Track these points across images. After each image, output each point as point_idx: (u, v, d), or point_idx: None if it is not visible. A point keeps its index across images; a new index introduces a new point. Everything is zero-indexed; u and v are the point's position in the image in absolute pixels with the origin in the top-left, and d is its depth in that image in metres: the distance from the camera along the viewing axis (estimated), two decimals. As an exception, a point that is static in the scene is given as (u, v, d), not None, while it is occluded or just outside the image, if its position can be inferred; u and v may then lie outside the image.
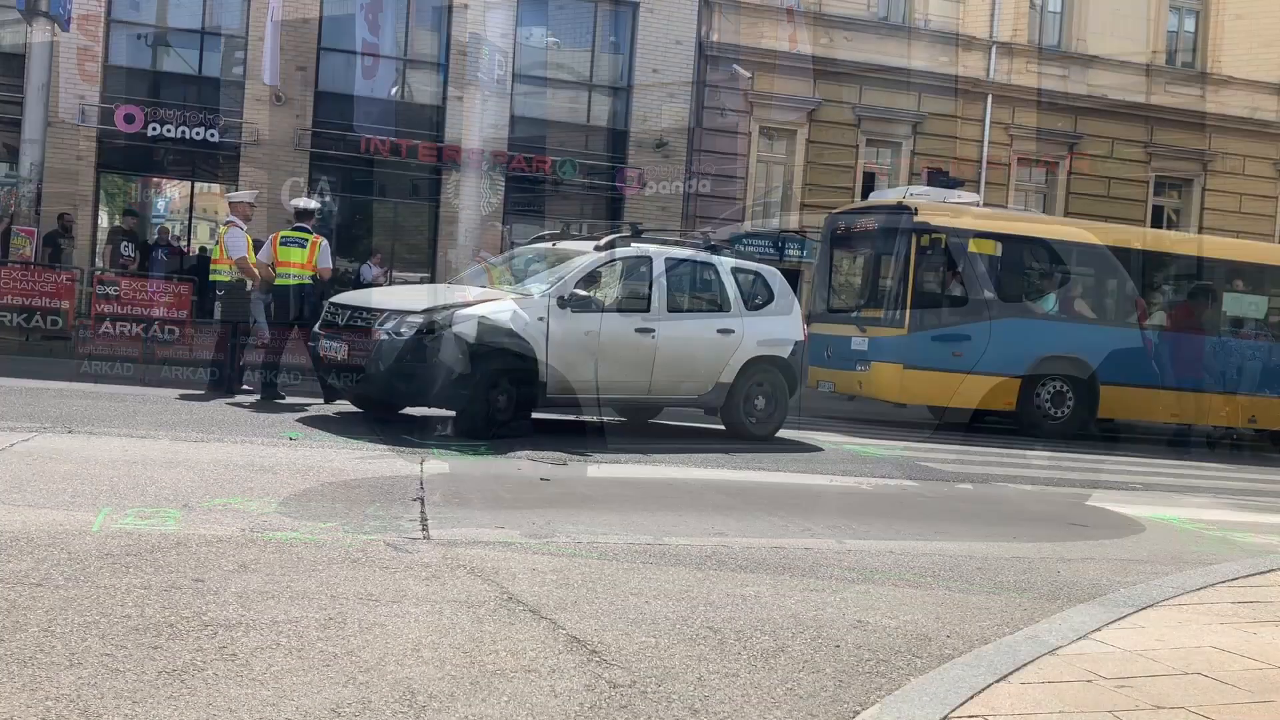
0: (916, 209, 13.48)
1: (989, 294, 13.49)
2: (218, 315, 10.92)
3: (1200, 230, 24.25)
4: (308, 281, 10.15)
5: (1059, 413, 13.75)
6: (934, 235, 13.25)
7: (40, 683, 2.71)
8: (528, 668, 3.18)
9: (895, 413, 16.01)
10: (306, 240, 10.20)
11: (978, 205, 14.98)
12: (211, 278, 10.89)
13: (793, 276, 12.66)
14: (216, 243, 11.28)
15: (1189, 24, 24.66)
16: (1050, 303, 14.04)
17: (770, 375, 10.39)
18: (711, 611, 4.01)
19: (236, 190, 10.93)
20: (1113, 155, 23.77)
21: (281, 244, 10.20)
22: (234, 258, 10.21)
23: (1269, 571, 5.59)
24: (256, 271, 10.25)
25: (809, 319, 13.03)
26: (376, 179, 19.83)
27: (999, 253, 13.68)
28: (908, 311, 13.23)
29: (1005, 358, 13.33)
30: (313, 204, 10.94)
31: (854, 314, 14.26)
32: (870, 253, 14.60)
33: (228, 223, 10.43)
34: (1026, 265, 14.29)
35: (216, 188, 12.47)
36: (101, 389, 9.29)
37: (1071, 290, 14.33)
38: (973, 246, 13.40)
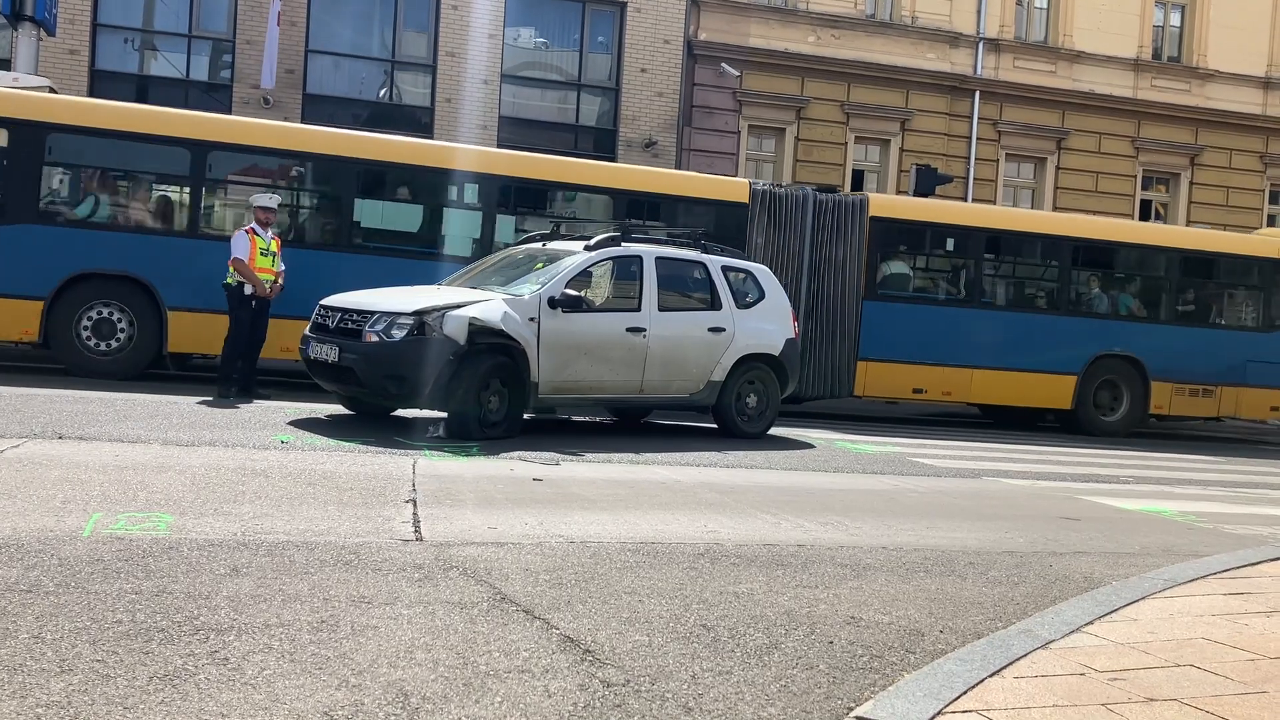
0: None
1: None
2: None
3: (1189, 224, 24.39)
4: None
5: None
6: None
7: (31, 689, 2.70)
8: (521, 668, 3.18)
9: (887, 409, 16.05)
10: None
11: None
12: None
13: None
14: None
15: (1175, 19, 24.75)
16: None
17: (761, 373, 10.42)
18: (705, 609, 4.02)
19: (260, 194, 10.93)
20: (1100, 150, 23.85)
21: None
22: (231, 258, 10.27)
23: (1260, 563, 5.61)
24: (254, 275, 10.26)
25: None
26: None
27: None
28: None
29: None
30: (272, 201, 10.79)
31: None
32: None
33: (249, 229, 10.43)
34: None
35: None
36: (92, 394, 9.25)
37: None
38: None
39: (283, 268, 10.64)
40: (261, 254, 10.35)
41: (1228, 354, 15.21)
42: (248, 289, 10.27)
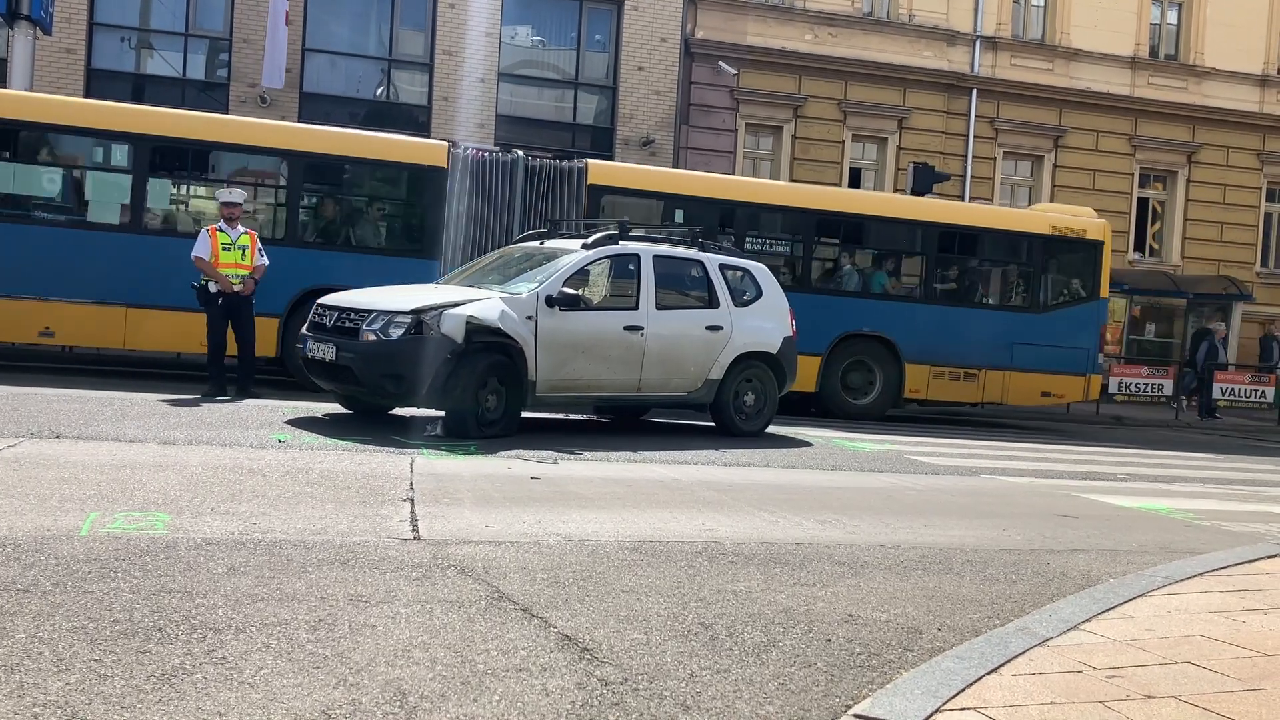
0: None
1: None
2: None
3: (1186, 221, 24.42)
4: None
5: None
6: None
7: (28, 689, 2.69)
8: (519, 667, 3.18)
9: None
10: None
11: None
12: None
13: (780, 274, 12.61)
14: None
15: (1172, 16, 24.77)
16: None
17: (759, 371, 10.42)
18: (703, 607, 4.02)
19: (226, 189, 10.76)
20: (1097, 148, 23.86)
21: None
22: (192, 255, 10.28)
23: (1257, 560, 5.61)
24: (215, 272, 10.19)
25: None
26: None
27: None
28: None
29: None
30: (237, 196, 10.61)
31: None
32: None
33: (213, 226, 10.39)
34: None
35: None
36: (89, 393, 9.24)
37: None
38: None
39: (265, 262, 10.46)
40: (225, 249, 10.20)
41: (993, 336, 14.42)
42: (213, 287, 10.21)
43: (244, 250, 10.32)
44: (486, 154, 12.83)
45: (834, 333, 13.77)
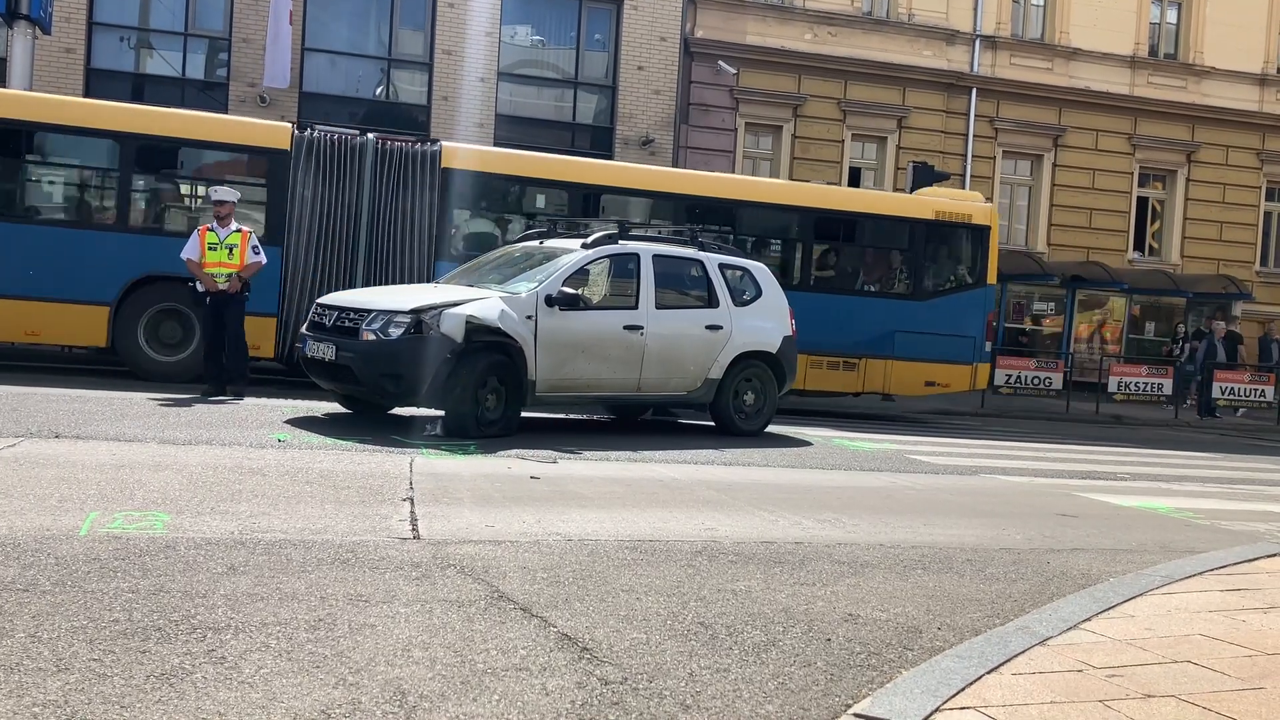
0: None
1: None
2: None
3: (1185, 221, 24.42)
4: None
5: None
6: None
7: (27, 689, 2.69)
8: (519, 666, 3.17)
9: (884, 406, 16.06)
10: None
11: None
12: None
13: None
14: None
15: (1171, 15, 24.78)
16: None
17: (759, 370, 10.42)
18: (702, 607, 4.01)
19: (216, 188, 10.67)
20: (1097, 147, 23.86)
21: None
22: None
23: (1257, 559, 5.62)
24: (199, 272, 10.17)
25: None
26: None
27: None
28: None
29: None
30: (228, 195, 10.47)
31: None
32: None
33: (204, 225, 10.38)
34: None
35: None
36: (88, 393, 9.24)
37: None
38: None
39: (259, 260, 10.28)
40: (211, 249, 10.14)
41: (874, 324, 13.91)
42: (200, 287, 10.22)
43: (231, 249, 10.20)
44: (333, 136, 12.26)
45: None
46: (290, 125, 12.40)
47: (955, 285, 14.71)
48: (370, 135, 12.52)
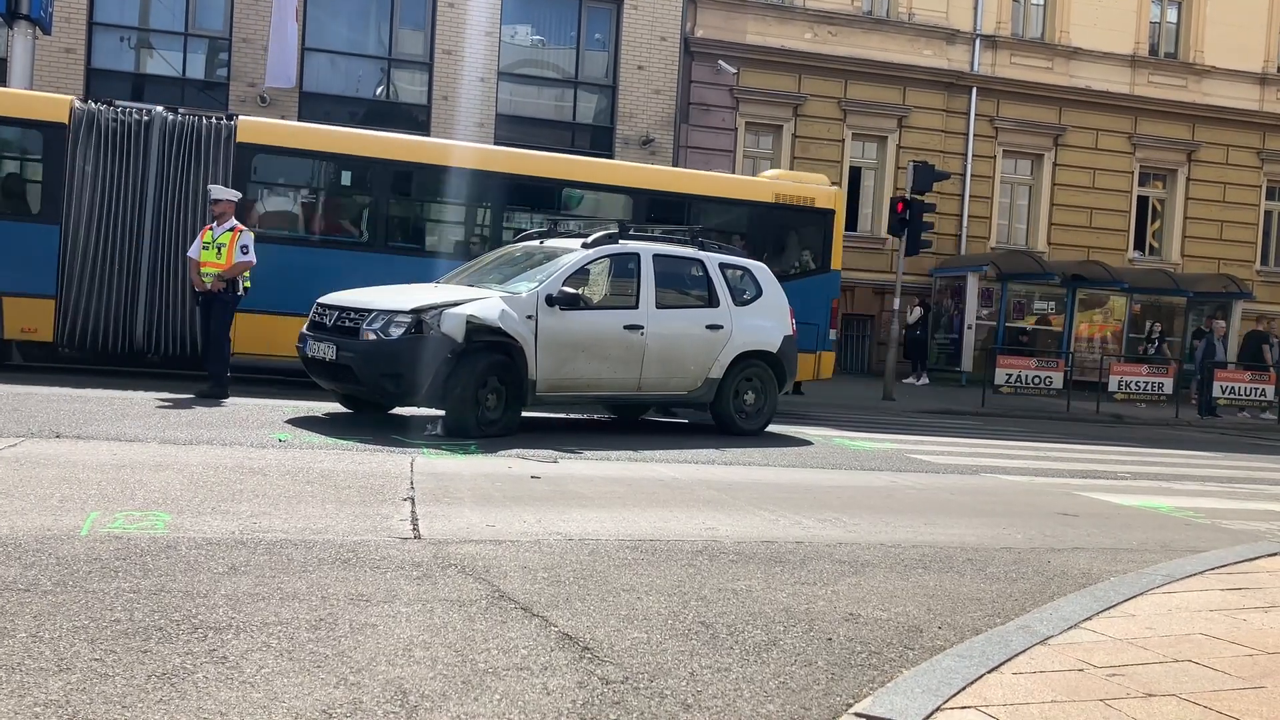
0: None
1: None
2: None
3: (1186, 220, 24.41)
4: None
5: None
6: None
7: (29, 688, 2.69)
8: (520, 666, 3.18)
9: (886, 406, 16.06)
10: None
11: None
12: None
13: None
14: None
15: (1171, 15, 24.78)
16: None
17: (759, 370, 10.43)
18: (703, 606, 4.02)
19: (212, 186, 10.56)
20: (1097, 146, 23.86)
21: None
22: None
23: (1257, 558, 5.62)
24: (192, 270, 10.11)
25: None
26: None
27: None
28: None
29: None
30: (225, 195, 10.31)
31: None
32: None
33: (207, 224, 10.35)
34: None
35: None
36: (89, 393, 9.24)
37: None
38: None
39: (246, 259, 10.00)
40: (204, 248, 10.04)
41: None
42: (196, 286, 10.17)
43: (221, 249, 9.99)
44: (117, 110, 11.66)
45: None
46: (71, 99, 11.77)
47: (798, 271, 14.11)
48: (159, 109, 11.92)
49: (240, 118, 12.32)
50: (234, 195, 10.38)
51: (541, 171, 13.34)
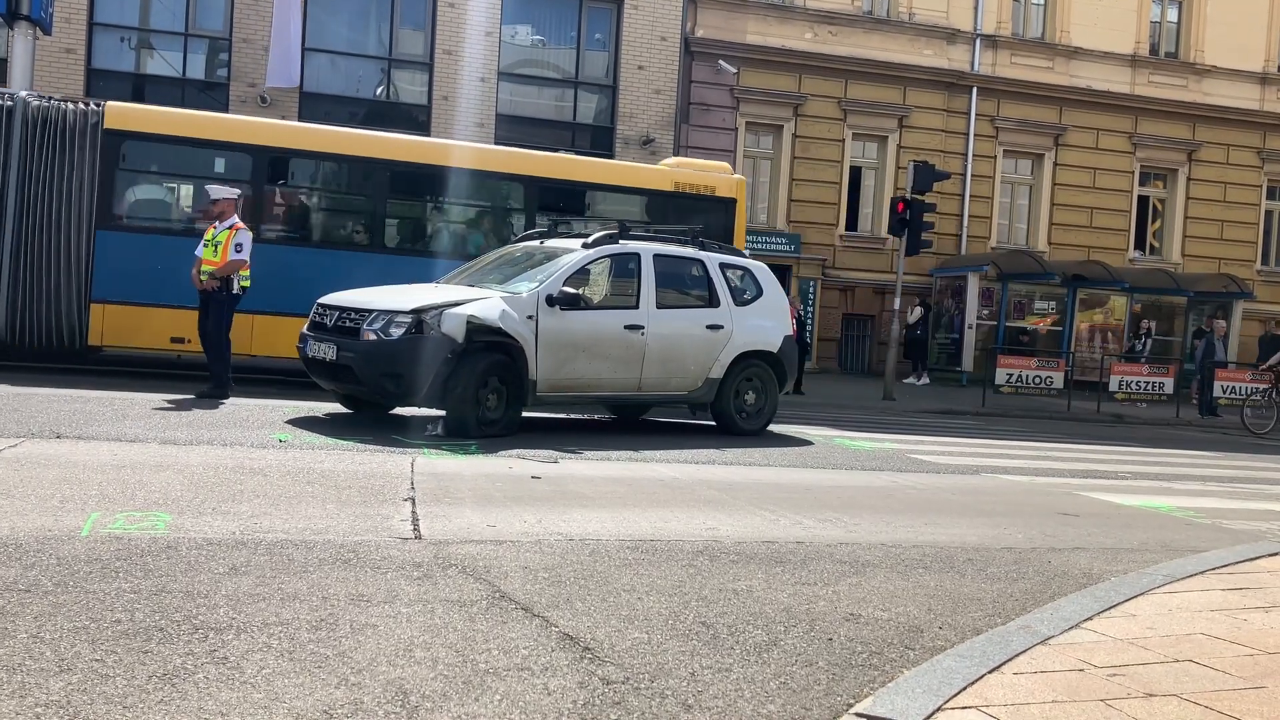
0: None
1: None
2: None
3: (1186, 220, 24.41)
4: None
5: None
6: None
7: (30, 689, 2.69)
8: (520, 666, 3.18)
9: (886, 405, 16.06)
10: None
11: None
12: None
13: (781, 272, 12.25)
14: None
15: (1172, 14, 24.78)
16: None
17: (760, 370, 10.43)
18: (704, 606, 4.01)
19: (211, 185, 10.48)
20: (1098, 146, 23.86)
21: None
22: None
23: (1258, 558, 5.61)
24: (194, 272, 10.04)
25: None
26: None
27: None
28: None
29: None
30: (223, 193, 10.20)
31: None
32: None
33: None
34: None
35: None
36: (89, 393, 9.24)
37: None
38: None
39: (236, 257, 9.85)
40: (205, 245, 9.99)
41: None
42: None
43: (217, 247, 9.93)
44: None
45: None
46: None
47: None
48: (21, 94, 11.56)
49: (109, 103, 11.91)
50: (231, 193, 10.28)
51: (424, 158, 12.82)
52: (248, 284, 10.19)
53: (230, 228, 10.00)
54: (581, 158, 15.61)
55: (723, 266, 10.40)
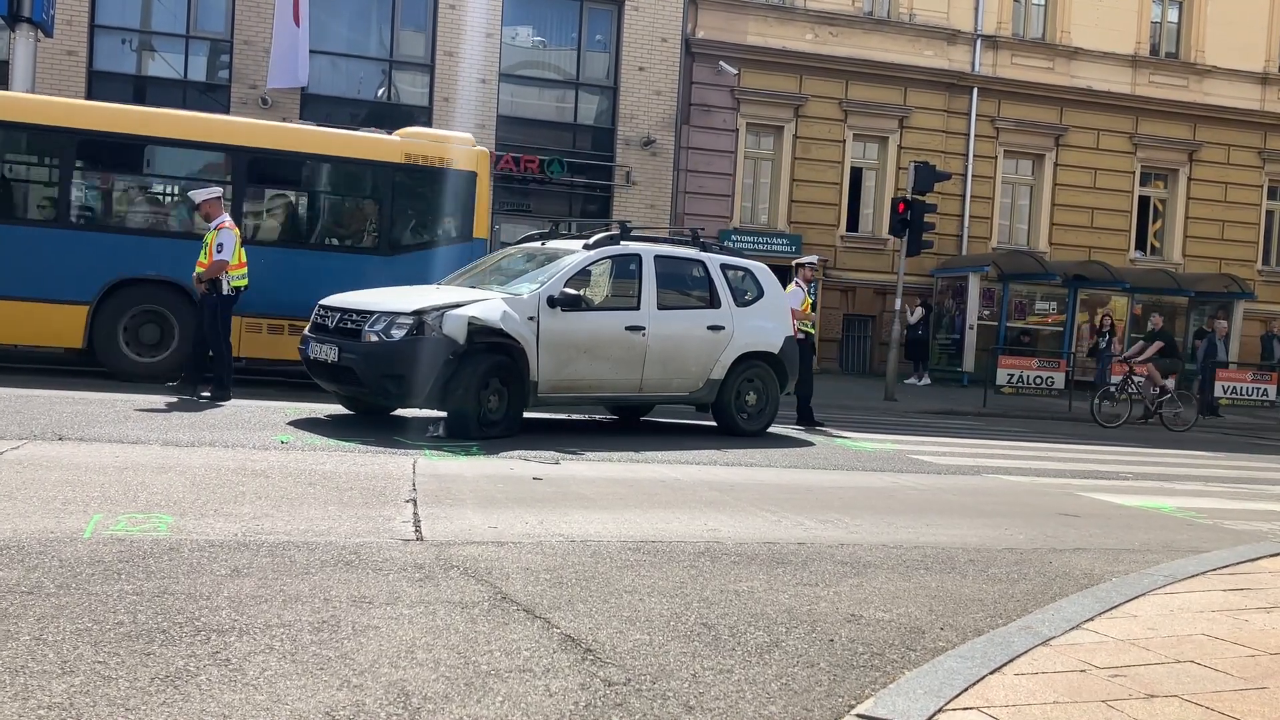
0: None
1: None
2: None
3: (1187, 220, 24.39)
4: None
5: None
6: None
7: (32, 691, 2.70)
8: (522, 667, 3.18)
9: (887, 406, 16.06)
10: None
11: None
12: None
13: (782, 272, 12.33)
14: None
15: (1172, 14, 24.78)
16: None
17: (761, 371, 10.43)
18: (705, 608, 4.02)
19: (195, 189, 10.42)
20: (1098, 146, 23.85)
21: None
22: None
23: (1260, 559, 5.61)
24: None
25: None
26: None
27: None
28: None
29: None
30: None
31: None
32: None
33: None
34: None
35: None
36: (91, 395, 9.25)
37: None
38: None
39: (218, 258, 9.76)
40: (202, 249, 9.98)
41: (331, 282, 10.52)
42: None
43: (204, 249, 9.90)
44: None
45: (106, 278, 11.25)
46: None
47: (433, 240, 12.64)
48: None
49: None
50: (210, 194, 10.10)
51: (115, 126, 11.66)
52: (243, 284, 10.12)
53: (215, 228, 9.89)
54: (296, 125, 14.38)
55: (724, 267, 10.41)
